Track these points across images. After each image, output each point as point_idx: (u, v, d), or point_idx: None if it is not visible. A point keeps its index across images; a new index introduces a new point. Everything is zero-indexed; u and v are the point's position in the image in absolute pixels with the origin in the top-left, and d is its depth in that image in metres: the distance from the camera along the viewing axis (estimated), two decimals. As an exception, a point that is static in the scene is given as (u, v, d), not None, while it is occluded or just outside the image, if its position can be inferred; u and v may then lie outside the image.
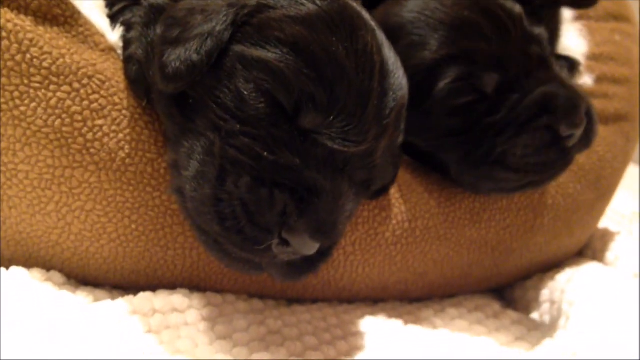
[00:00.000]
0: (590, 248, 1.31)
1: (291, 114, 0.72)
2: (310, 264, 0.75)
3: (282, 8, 0.74)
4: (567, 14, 1.36)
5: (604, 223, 1.37)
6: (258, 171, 0.70)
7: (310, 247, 0.70)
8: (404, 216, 1.01)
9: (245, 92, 0.71)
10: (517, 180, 1.00)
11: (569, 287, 1.06)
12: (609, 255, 1.25)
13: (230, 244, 0.71)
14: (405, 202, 1.01)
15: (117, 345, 0.72)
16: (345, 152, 0.73)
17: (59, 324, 0.71)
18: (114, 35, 0.89)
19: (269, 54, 0.71)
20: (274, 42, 0.72)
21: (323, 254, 0.76)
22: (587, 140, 0.99)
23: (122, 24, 0.89)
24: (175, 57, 0.73)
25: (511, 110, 0.95)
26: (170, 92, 0.76)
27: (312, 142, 0.72)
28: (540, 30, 1.01)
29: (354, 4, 0.80)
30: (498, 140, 0.96)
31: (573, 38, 1.32)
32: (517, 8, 0.99)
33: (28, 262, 0.87)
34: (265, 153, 0.70)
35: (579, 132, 0.96)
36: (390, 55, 0.80)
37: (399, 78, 0.80)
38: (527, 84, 0.95)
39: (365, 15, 0.81)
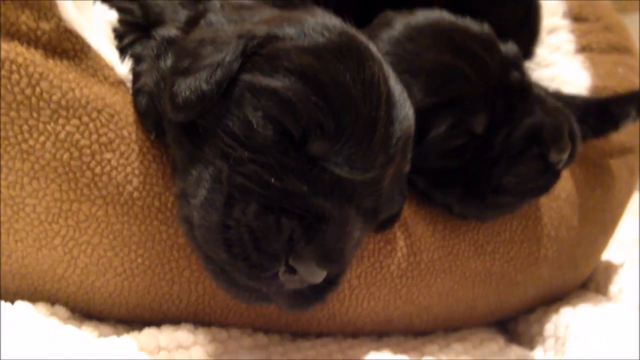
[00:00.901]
0: (594, 281, 1.32)
1: (298, 141, 0.72)
2: (317, 293, 0.75)
3: (291, 39, 0.75)
4: (569, 46, 1.38)
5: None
6: (265, 198, 0.70)
7: (318, 275, 0.70)
8: (409, 249, 1.01)
9: (254, 120, 0.72)
10: (515, 203, 1.04)
11: (573, 322, 1.06)
12: (613, 288, 1.26)
13: (237, 271, 0.71)
14: (410, 234, 1.01)
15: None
16: (352, 179, 0.73)
17: (65, 362, 0.70)
18: (123, 68, 0.89)
19: (277, 83, 0.72)
20: (283, 72, 0.72)
21: (330, 283, 0.75)
22: (570, 157, 1.03)
23: (132, 56, 0.90)
24: (186, 86, 0.73)
25: (502, 144, 0.98)
26: (180, 121, 0.76)
27: (319, 169, 0.72)
28: (512, 49, 1.02)
29: (361, 37, 0.81)
30: (494, 173, 0.99)
31: (576, 71, 1.33)
32: (487, 30, 1.01)
33: (33, 296, 0.87)
34: (273, 180, 0.70)
35: (566, 156, 1.00)
36: (396, 87, 0.81)
37: (405, 109, 0.80)
38: (512, 117, 0.98)
39: (372, 47, 0.81)
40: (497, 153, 0.98)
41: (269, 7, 0.93)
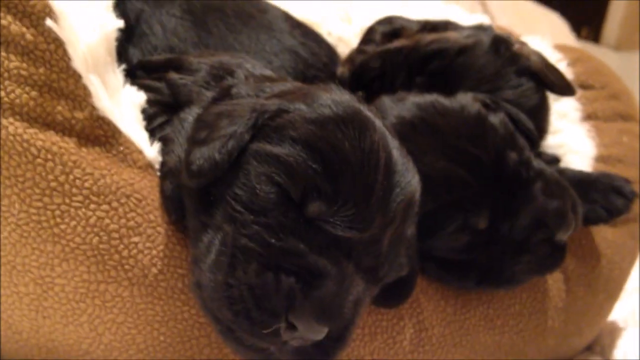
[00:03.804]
0: (599, 344, 1.34)
1: (298, 204, 0.77)
2: (322, 350, 0.77)
3: (300, 111, 0.80)
4: (574, 114, 1.42)
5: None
6: (266, 257, 0.74)
7: (317, 331, 0.73)
8: (421, 325, 1.03)
9: (257, 185, 0.76)
10: (530, 279, 1.09)
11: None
12: (617, 352, 1.28)
13: (240, 329, 0.74)
14: (422, 310, 1.04)
15: None
16: (349, 238, 0.76)
17: None
18: (152, 151, 0.93)
19: (281, 150, 0.77)
20: (289, 140, 0.77)
21: (336, 340, 0.77)
22: (575, 229, 1.06)
23: (160, 140, 0.93)
24: (200, 155, 0.78)
25: (507, 235, 1.01)
26: (194, 187, 0.81)
27: (316, 229, 0.76)
28: (502, 120, 1.03)
29: (367, 112, 0.85)
30: (505, 264, 1.02)
31: (582, 139, 1.36)
32: (477, 109, 1.02)
33: (58, 369, 0.90)
34: (273, 240, 0.75)
35: (571, 231, 1.03)
36: (399, 157, 0.84)
37: (407, 177, 0.83)
38: (513, 206, 1.01)
39: (377, 121, 0.85)
40: (503, 244, 1.01)
41: (290, 81, 0.98)
